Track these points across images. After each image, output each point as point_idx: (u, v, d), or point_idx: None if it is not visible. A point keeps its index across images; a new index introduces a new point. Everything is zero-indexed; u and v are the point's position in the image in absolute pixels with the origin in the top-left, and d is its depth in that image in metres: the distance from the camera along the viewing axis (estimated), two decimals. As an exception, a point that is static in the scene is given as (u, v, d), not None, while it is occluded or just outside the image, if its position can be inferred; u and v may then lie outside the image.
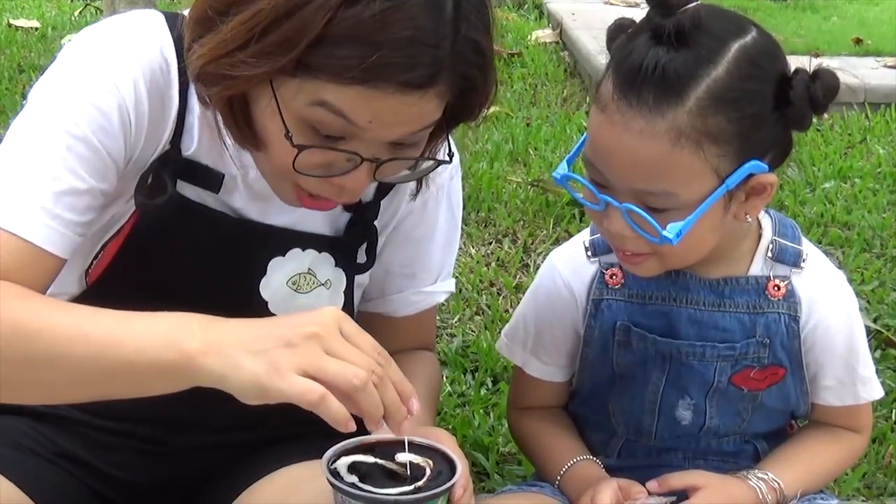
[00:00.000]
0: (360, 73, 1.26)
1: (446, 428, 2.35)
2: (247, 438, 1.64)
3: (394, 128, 1.33)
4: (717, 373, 1.61)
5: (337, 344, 1.24)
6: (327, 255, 1.57)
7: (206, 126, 1.47)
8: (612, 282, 1.64)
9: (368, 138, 1.33)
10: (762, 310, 1.60)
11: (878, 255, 3.35)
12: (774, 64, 1.47)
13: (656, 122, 1.39)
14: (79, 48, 1.42)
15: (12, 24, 6.31)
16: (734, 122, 1.41)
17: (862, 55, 5.69)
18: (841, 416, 1.69)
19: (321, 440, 1.45)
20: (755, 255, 1.61)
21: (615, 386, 1.68)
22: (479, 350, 2.71)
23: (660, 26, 1.40)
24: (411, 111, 1.32)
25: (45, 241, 1.34)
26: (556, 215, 3.52)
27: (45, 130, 1.37)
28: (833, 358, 1.63)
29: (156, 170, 1.45)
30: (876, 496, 2.23)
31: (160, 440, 1.60)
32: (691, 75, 1.40)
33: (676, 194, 1.43)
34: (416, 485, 1.26)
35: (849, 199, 3.76)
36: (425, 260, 1.68)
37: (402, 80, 1.27)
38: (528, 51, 5.86)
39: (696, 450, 1.69)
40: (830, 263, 1.67)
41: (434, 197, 1.65)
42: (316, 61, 1.27)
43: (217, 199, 1.51)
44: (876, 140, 4.45)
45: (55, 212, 1.34)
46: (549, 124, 4.56)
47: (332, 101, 1.30)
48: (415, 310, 1.70)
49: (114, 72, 1.39)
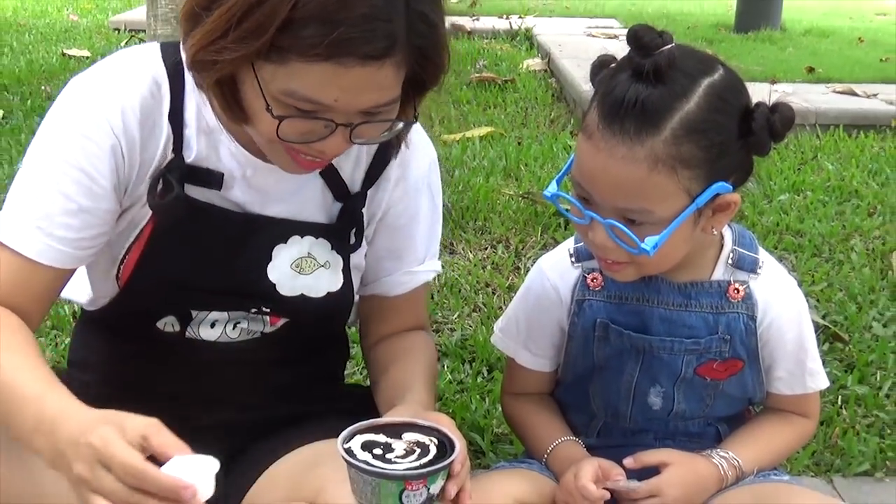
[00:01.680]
0: (324, 49, 1.27)
1: (446, 411, 2.36)
2: (268, 416, 1.65)
3: (359, 98, 1.34)
4: (684, 365, 1.62)
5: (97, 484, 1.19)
6: (324, 240, 1.58)
7: (203, 135, 1.50)
8: (593, 284, 1.65)
9: (339, 110, 1.34)
10: (724, 310, 1.61)
11: (827, 259, 3.34)
12: (739, 98, 1.47)
13: (636, 150, 1.40)
14: (76, 87, 1.47)
15: (65, 53, 6.32)
16: (704, 149, 1.42)
17: (814, 82, 5.69)
18: (792, 403, 1.70)
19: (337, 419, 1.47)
20: (717, 262, 1.62)
21: (595, 375, 1.68)
22: (476, 343, 2.71)
23: (639, 65, 1.41)
24: (372, 82, 1.32)
25: (40, 255, 1.42)
26: (543, 224, 3.51)
27: (42, 160, 1.44)
28: (784, 353, 1.64)
29: (164, 175, 1.47)
30: (824, 472, 2.23)
31: (191, 416, 1.59)
32: (667, 108, 1.41)
33: (653, 211, 1.44)
34: (420, 461, 1.28)
35: (801, 210, 3.75)
36: (411, 244, 1.68)
37: (361, 53, 1.29)
38: (519, 77, 5.85)
39: (665, 431, 1.69)
40: (784, 270, 1.67)
41: (415, 188, 1.65)
42: (286, 43, 1.29)
43: (221, 197, 1.53)
44: (826, 157, 4.44)
45: (49, 230, 1.42)
46: (538, 143, 4.54)
47: (299, 88, 1.32)
48: (405, 289, 1.70)
49: (103, 105, 1.43)
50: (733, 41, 7.37)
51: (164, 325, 1.57)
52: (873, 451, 2.27)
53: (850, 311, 2.93)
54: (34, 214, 1.42)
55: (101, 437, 1.18)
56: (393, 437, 1.32)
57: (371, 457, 1.27)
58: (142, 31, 6.19)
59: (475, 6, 8.91)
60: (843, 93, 5.37)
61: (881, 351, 2.70)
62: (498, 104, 5.32)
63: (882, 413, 2.43)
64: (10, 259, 1.42)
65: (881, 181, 4.12)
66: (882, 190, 4.01)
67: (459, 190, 3.82)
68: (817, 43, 7.39)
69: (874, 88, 5.44)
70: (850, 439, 2.29)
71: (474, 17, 8.04)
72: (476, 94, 5.48)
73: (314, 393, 1.70)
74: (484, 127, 4.79)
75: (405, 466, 1.26)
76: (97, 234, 1.46)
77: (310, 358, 1.69)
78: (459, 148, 4.38)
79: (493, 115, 5.11)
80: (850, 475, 2.22)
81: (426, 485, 1.26)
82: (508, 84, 5.67)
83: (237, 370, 1.61)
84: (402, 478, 1.25)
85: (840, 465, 2.25)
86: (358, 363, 2.54)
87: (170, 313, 1.56)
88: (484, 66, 6.18)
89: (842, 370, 2.62)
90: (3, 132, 4.50)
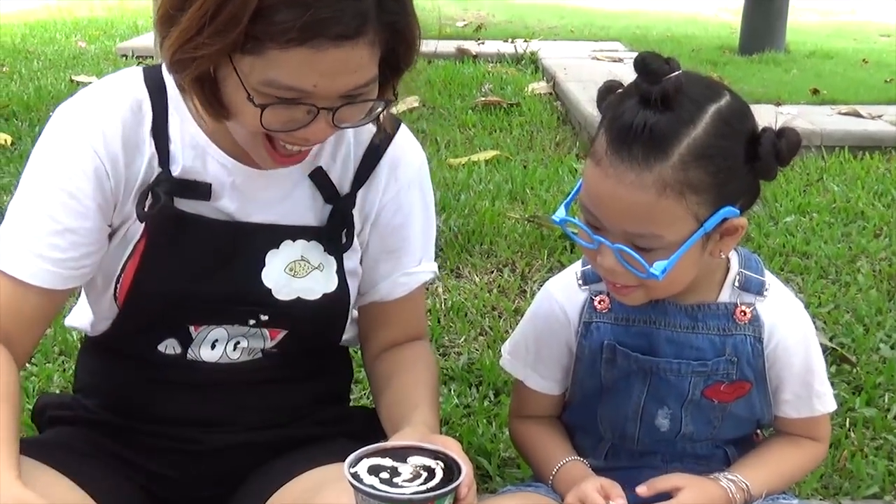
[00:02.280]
0: (298, 33, 1.28)
1: (453, 435, 2.35)
2: (275, 437, 1.65)
3: (337, 81, 1.35)
4: (692, 386, 1.61)
5: None
6: (316, 242, 1.58)
7: (189, 148, 1.52)
8: (601, 307, 1.65)
9: (319, 95, 1.35)
10: (730, 332, 1.60)
11: (833, 281, 3.34)
12: (745, 124, 1.48)
13: (644, 176, 1.41)
14: (60, 115, 1.51)
15: (74, 79, 6.35)
16: (711, 174, 1.43)
17: (818, 104, 5.69)
18: (800, 426, 1.69)
19: (344, 443, 1.47)
20: (724, 285, 1.62)
21: (603, 397, 1.68)
22: (483, 366, 2.70)
23: (647, 91, 1.42)
24: (348, 63, 1.33)
25: (31, 277, 1.45)
26: (549, 247, 3.52)
27: (30, 187, 1.48)
28: (791, 375, 1.63)
29: (152, 189, 1.49)
30: (832, 495, 2.22)
31: (195, 439, 1.61)
32: (675, 134, 1.41)
33: (662, 236, 1.45)
34: (427, 485, 1.27)
35: (807, 232, 3.76)
36: (406, 244, 1.68)
37: (334, 34, 1.30)
38: (525, 101, 5.87)
39: (673, 453, 1.69)
40: (791, 293, 1.67)
41: (407, 187, 1.65)
42: (260, 32, 1.30)
43: (210, 207, 1.54)
44: (831, 179, 4.45)
45: (38, 251, 1.45)
46: (544, 166, 4.56)
47: (278, 77, 1.33)
48: (404, 291, 1.69)
49: (84, 129, 1.47)
50: (738, 63, 7.39)
51: (165, 348, 1.57)
52: (882, 473, 2.26)
53: (857, 332, 2.92)
54: (23, 237, 1.45)
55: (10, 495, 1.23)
56: (399, 461, 1.32)
57: (378, 481, 1.27)
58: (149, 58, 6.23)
59: (480, 30, 8.95)
60: (848, 114, 5.38)
61: (889, 373, 2.69)
62: (503, 128, 5.34)
63: (890, 436, 2.42)
64: (6, 283, 1.44)
65: (887, 202, 4.12)
66: (888, 211, 4.01)
67: (465, 214, 3.83)
68: (822, 64, 7.41)
69: (879, 110, 5.45)
70: (858, 462, 2.28)
71: (479, 41, 8.09)
72: (481, 117, 5.49)
73: (319, 415, 1.70)
74: (489, 150, 4.80)
75: (412, 490, 1.26)
76: (85, 253, 1.48)
77: (313, 378, 1.69)
78: (465, 172, 4.39)
79: (499, 138, 5.13)
80: (859, 498, 2.21)
81: (433, 509, 1.26)
82: (514, 107, 5.69)
83: (240, 392, 1.62)
84: (409, 502, 1.24)
85: (848, 488, 2.24)
86: (364, 387, 2.54)
87: (170, 333, 1.56)
88: (489, 89, 6.21)
89: (850, 392, 2.61)
90: (12, 158, 4.52)
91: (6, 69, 6.79)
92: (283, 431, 1.65)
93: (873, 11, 12.01)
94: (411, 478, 1.28)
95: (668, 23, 10.26)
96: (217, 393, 1.61)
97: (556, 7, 11.73)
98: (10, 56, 7.36)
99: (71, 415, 1.66)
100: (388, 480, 1.27)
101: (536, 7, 11.68)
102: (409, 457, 1.33)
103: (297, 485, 1.55)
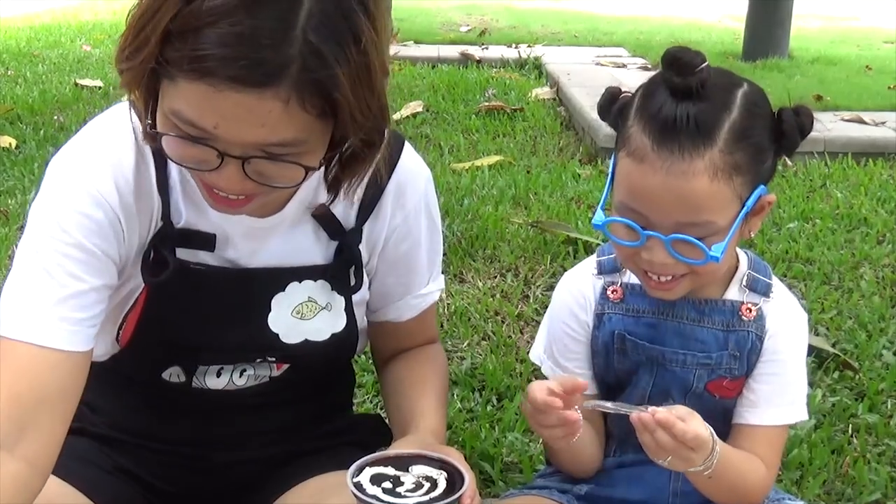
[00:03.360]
0: (192, 63, 1.19)
1: (456, 440, 2.36)
2: (281, 451, 1.64)
3: (240, 129, 1.23)
4: (696, 379, 1.63)
5: None
6: (323, 281, 1.54)
7: (188, 198, 1.46)
8: (613, 297, 1.66)
9: (225, 140, 1.25)
10: (734, 328, 1.62)
11: (836, 287, 3.34)
12: (767, 105, 1.54)
13: (696, 163, 1.44)
14: (62, 163, 1.41)
15: (78, 83, 6.36)
16: (751, 155, 1.48)
17: (822, 110, 5.67)
18: (756, 439, 1.62)
19: (348, 452, 1.46)
20: (731, 283, 1.64)
21: (610, 393, 1.69)
22: (486, 371, 2.70)
23: (682, 84, 1.45)
24: (252, 114, 1.21)
25: (66, 343, 1.34)
26: (552, 252, 3.51)
27: (42, 245, 1.36)
28: (773, 377, 1.62)
29: (155, 246, 1.44)
30: (835, 501, 2.21)
31: (204, 457, 1.61)
32: (716, 120, 1.45)
33: (714, 221, 1.48)
34: (429, 495, 1.27)
35: (810, 238, 3.75)
36: (415, 268, 1.65)
37: (229, 75, 1.18)
38: (528, 106, 5.88)
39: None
40: (796, 301, 1.68)
41: (414, 214, 1.61)
42: (169, 56, 1.22)
43: (213, 256, 1.49)
44: (834, 185, 4.44)
45: (66, 314, 1.34)
46: (547, 171, 4.56)
47: (182, 108, 1.24)
48: (414, 313, 1.68)
49: (94, 180, 1.38)
50: (741, 69, 7.31)
51: (169, 376, 1.55)
52: (884, 479, 2.25)
53: (860, 339, 2.92)
54: (48, 302, 1.34)
55: None
56: (402, 470, 1.32)
57: (381, 491, 1.27)
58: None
59: (484, 35, 8.96)
60: (852, 121, 5.38)
61: (892, 379, 2.68)
62: (507, 133, 5.34)
63: (893, 441, 2.42)
64: (32, 353, 1.32)
65: (890, 209, 4.12)
66: (891, 218, 4.00)
67: (468, 219, 3.83)
68: (825, 71, 7.40)
69: (882, 116, 5.45)
70: (860, 468, 2.28)
71: (483, 46, 8.10)
72: (485, 122, 5.49)
73: (324, 427, 1.69)
74: (493, 156, 4.80)
75: (414, 500, 1.26)
76: (104, 308, 1.41)
77: (318, 394, 1.68)
78: (469, 177, 4.39)
79: (503, 143, 5.13)
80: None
81: (435, 518, 1.25)
82: (517, 113, 5.70)
83: (246, 414, 1.60)
84: (412, 511, 1.24)
85: (851, 494, 2.23)
86: (368, 391, 2.54)
87: (175, 363, 1.54)
88: (493, 94, 6.21)
89: (852, 398, 2.61)
90: (16, 162, 4.53)
91: (11, 73, 6.81)
92: (289, 446, 1.65)
93: (877, 18, 12.01)
94: (414, 487, 1.28)
95: (672, 28, 10.26)
96: (223, 416, 1.59)
97: (560, 12, 11.74)
98: (14, 59, 7.38)
99: (77, 426, 1.65)
100: (391, 490, 1.27)
101: (540, 12, 11.69)
102: (412, 466, 1.33)
103: (300, 493, 1.55)
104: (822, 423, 2.47)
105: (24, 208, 3.84)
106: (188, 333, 1.50)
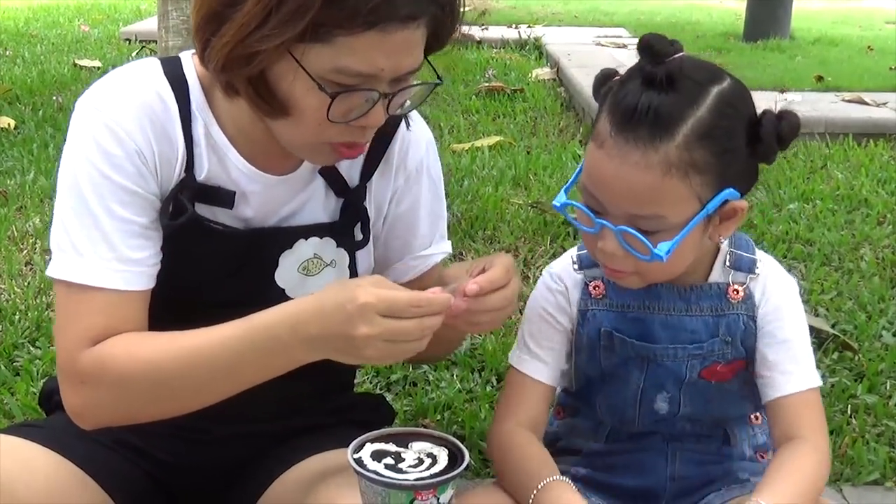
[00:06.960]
0: (368, 16, 1.28)
1: (456, 420, 2.37)
2: (282, 427, 1.65)
3: (401, 63, 1.36)
4: (689, 369, 1.62)
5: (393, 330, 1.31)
6: (328, 238, 1.58)
7: (213, 153, 1.49)
8: (595, 293, 1.65)
9: (383, 79, 1.35)
10: (724, 312, 1.61)
11: (837, 268, 3.34)
12: (746, 106, 1.49)
13: (650, 155, 1.42)
14: (87, 108, 1.45)
15: (77, 63, 6.35)
16: (715, 155, 1.44)
17: (822, 91, 5.68)
18: (790, 413, 1.57)
19: (348, 429, 1.47)
20: (714, 265, 1.62)
21: (602, 383, 1.68)
22: (486, 352, 2.71)
23: (651, 73, 1.43)
24: (410, 44, 1.35)
25: (127, 284, 1.43)
26: (552, 233, 3.52)
27: (85, 190, 1.41)
28: (777, 343, 1.59)
29: (175, 196, 1.47)
30: (833, 481, 2.22)
31: (205, 429, 1.61)
32: (679, 115, 1.42)
33: (665, 217, 1.45)
34: (431, 471, 1.28)
35: (811, 219, 3.75)
36: (415, 229, 1.68)
37: (402, 15, 1.31)
38: (528, 87, 5.86)
39: (672, 433, 1.68)
40: (783, 270, 1.66)
41: (415, 175, 1.65)
42: (329, 18, 1.28)
43: (229, 214, 1.52)
44: (835, 166, 4.44)
45: (123, 256, 1.42)
46: (547, 152, 4.55)
47: (349, 64, 1.32)
48: (416, 273, 1.69)
49: (122, 122, 1.42)
50: (742, 50, 7.37)
51: None
52: (883, 460, 2.26)
53: (859, 320, 2.92)
54: (102, 247, 1.41)
55: (370, 293, 1.29)
56: (403, 447, 1.33)
57: (382, 467, 1.27)
58: (153, 42, 6.22)
59: (485, 16, 8.93)
60: (853, 101, 5.37)
61: (891, 360, 2.69)
62: (507, 114, 5.33)
63: (892, 422, 2.43)
64: (101, 297, 1.41)
65: (891, 190, 4.12)
66: (892, 199, 4.00)
67: (469, 199, 3.83)
68: (826, 51, 7.38)
69: (883, 97, 5.44)
70: (859, 449, 2.29)
71: (483, 27, 8.06)
72: (485, 103, 5.49)
73: (326, 404, 1.70)
74: (493, 136, 4.80)
75: (415, 476, 1.26)
76: (159, 248, 1.47)
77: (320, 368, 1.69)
78: (468, 157, 4.39)
79: (503, 124, 5.12)
80: (860, 484, 2.22)
81: (436, 494, 1.26)
82: (517, 93, 5.68)
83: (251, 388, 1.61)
84: (412, 488, 1.25)
85: (849, 474, 2.24)
86: (366, 372, 2.55)
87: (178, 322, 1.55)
88: (493, 75, 6.20)
89: (851, 379, 2.61)
90: (15, 142, 4.52)
91: (9, 53, 6.79)
92: (290, 422, 1.66)
93: (879, -2, 11.98)
94: (415, 463, 1.29)
95: (673, 9, 10.23)
96: None
97: (561, -8, 11.70)
98: (13, 40, 7.36)
99: None
100: (393, 466, 1.28)
101: (540, -8, 11.65)
102: (413, 442, 1.34)
103: (301, 469, 1.56)
104: (822, 404, 2.47)
105: (24, 189, 3.84)
106: (199, 284, 1.52)
